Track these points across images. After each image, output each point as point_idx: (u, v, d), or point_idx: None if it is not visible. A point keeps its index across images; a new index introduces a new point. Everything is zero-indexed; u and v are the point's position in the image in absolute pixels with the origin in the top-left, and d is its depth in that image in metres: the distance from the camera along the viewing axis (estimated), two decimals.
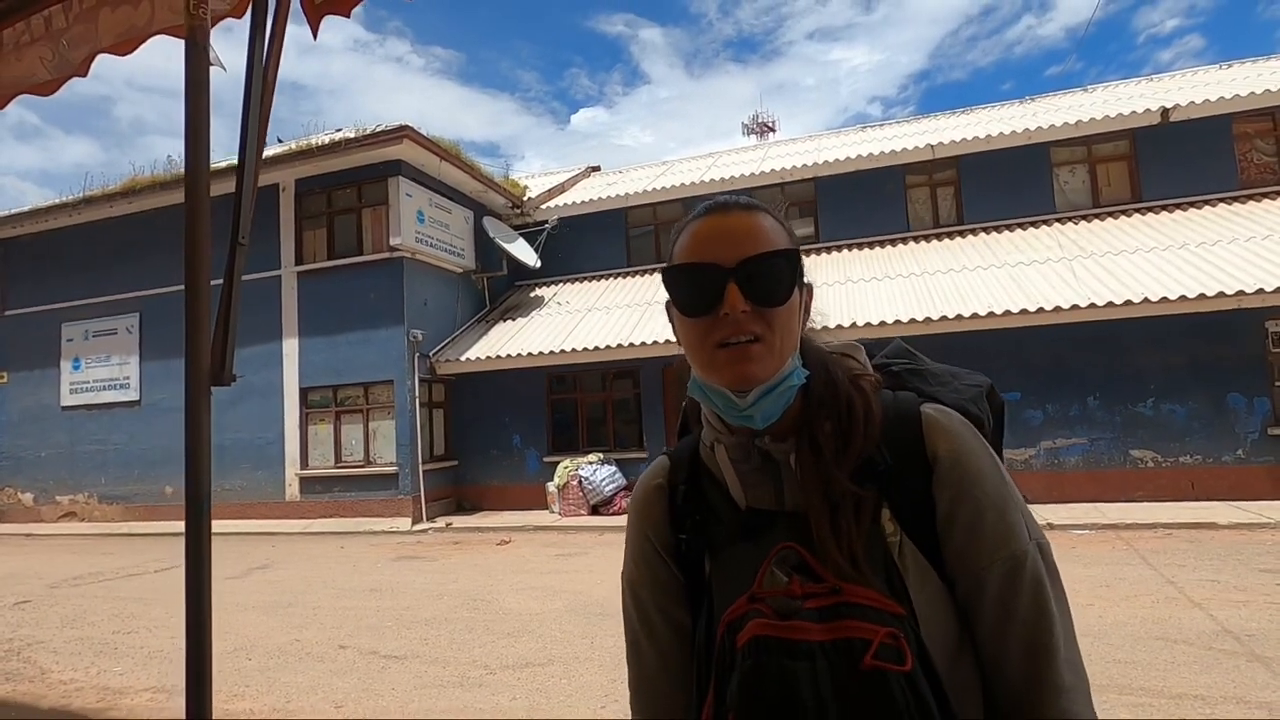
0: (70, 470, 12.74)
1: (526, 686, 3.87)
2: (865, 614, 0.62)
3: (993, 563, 0.68)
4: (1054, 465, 9.07)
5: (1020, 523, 0.69)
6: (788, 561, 0.68)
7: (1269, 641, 3.89)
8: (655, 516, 0.82)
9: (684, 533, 0.78)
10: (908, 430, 0.72)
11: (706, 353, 0.71)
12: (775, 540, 0.70)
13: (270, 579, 7.25)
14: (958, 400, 0.78)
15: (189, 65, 1.34)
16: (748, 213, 0.73)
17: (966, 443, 0.71)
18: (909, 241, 11.82)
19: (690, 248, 0.73)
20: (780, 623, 0.63)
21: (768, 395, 0.70)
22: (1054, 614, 0.67)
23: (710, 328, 0.70)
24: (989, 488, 0.70)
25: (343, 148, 10.84)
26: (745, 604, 0.66)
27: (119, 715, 3.77)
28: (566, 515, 10.06)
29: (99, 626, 5.60)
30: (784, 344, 0.70)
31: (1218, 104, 10.41)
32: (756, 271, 0.69)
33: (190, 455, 1.29)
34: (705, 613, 0.74)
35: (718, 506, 0.77)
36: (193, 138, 1.34)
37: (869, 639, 0.60)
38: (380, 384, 10.92)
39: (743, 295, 0.68)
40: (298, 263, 11.55)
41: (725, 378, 0.70)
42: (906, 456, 0.71)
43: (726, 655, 0.66)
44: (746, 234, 0.71)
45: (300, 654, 4.66)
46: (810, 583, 0.65)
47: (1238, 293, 7.83)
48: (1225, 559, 5.87)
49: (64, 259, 13.08)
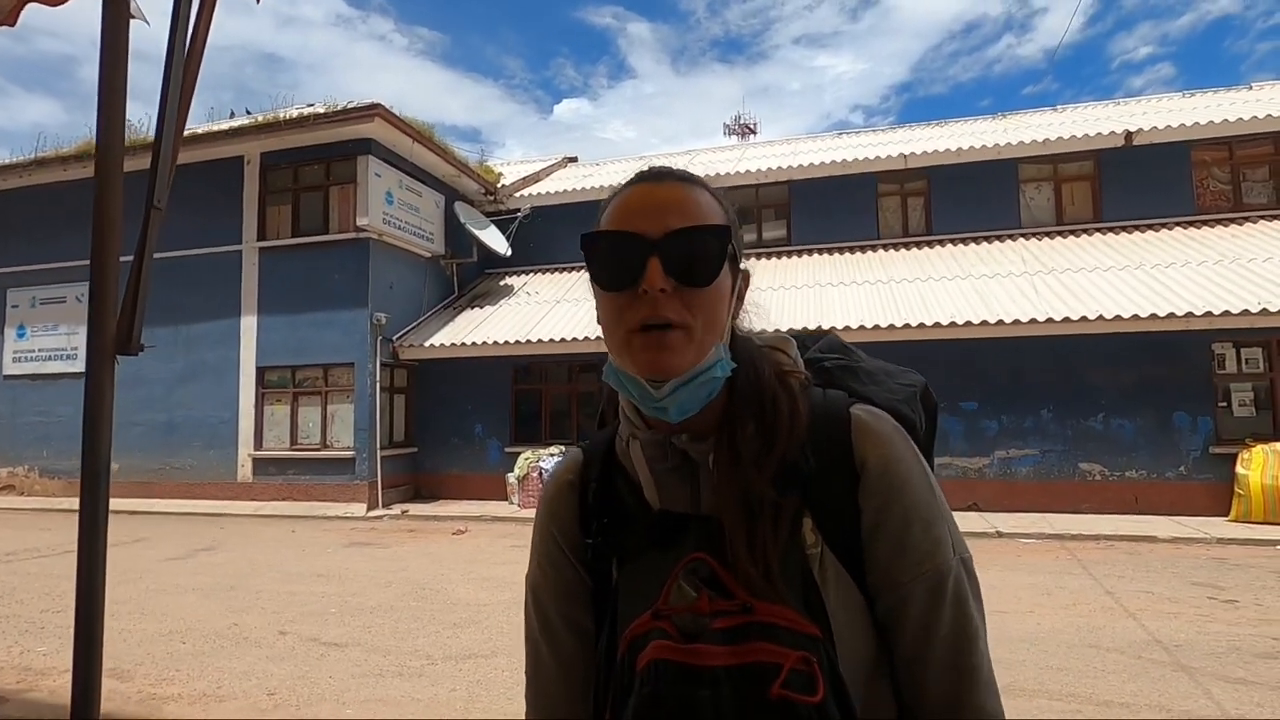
0: (11, 441, 12.25)
1: (467, 678, 3.82)
2: (776, 635, 0.58)
3: (917, 577, 0.63)
4: (1006, 475, 9.27)
5: (947, 536, 0.65)
6: (698, 574, 0.63)
7: (1195, 652, 4.02)
8: (564, 515, 0.76)
9: (591, 536, 0.73)
10: (835, 432, 0.67)
11: (621, 335, 0.65)
12: (687, 549, 0.65)
13: (215, 561, 7.06)
14: (890, 400, 0.73)
15: (106, 16, 1.26)
16: (682, 184, 0.67)
17: (896, 449, 0.66)
18: (878, 249, 11.97)
19: (615, 216, 0.67)
20: (683, 645, 0.59)
21: (685, 386, 0.64)
22: (977, 633, 0.64)
23: (627, 305, 0.64)
24: (917, 498, 0.65)
25: (312, 123, 10.57)
26: (649, 621, 0.62)
27: (39, 697, 3.63)
28: (525, 507, 9.98)
29: (28, 605, 5.40)
30: (706, 332, 0.64)
31: (1178, 130, 10.73)
32: (682, 246, 0.63)
33: (89, 426, 1.22)
34: (609, 624, 0.68)
35: (630, 507, 0.71)
36: (107, 94, 1.27)
37: (779, 664, 0.56)
38: (341, 366, 10.71)
39: (664, 271, 0.62)
40: (260, 238, 11.24)
41: (640, 365, 0.64)
42: (832, 460, 0.66)
43: (625, 676, 0.62)
44: (676, 206, 0.65)
45: (238, 639, 4.54)
46: (720, 599, 0.61)
47: (1187, 314, 8.08)
48: (1161, 571, 6.06)
49: (13, 222, 12.55)
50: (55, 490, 11.82)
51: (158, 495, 11.08)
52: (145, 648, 4.34)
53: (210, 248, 11.23)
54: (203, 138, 10.79)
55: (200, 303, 11.13)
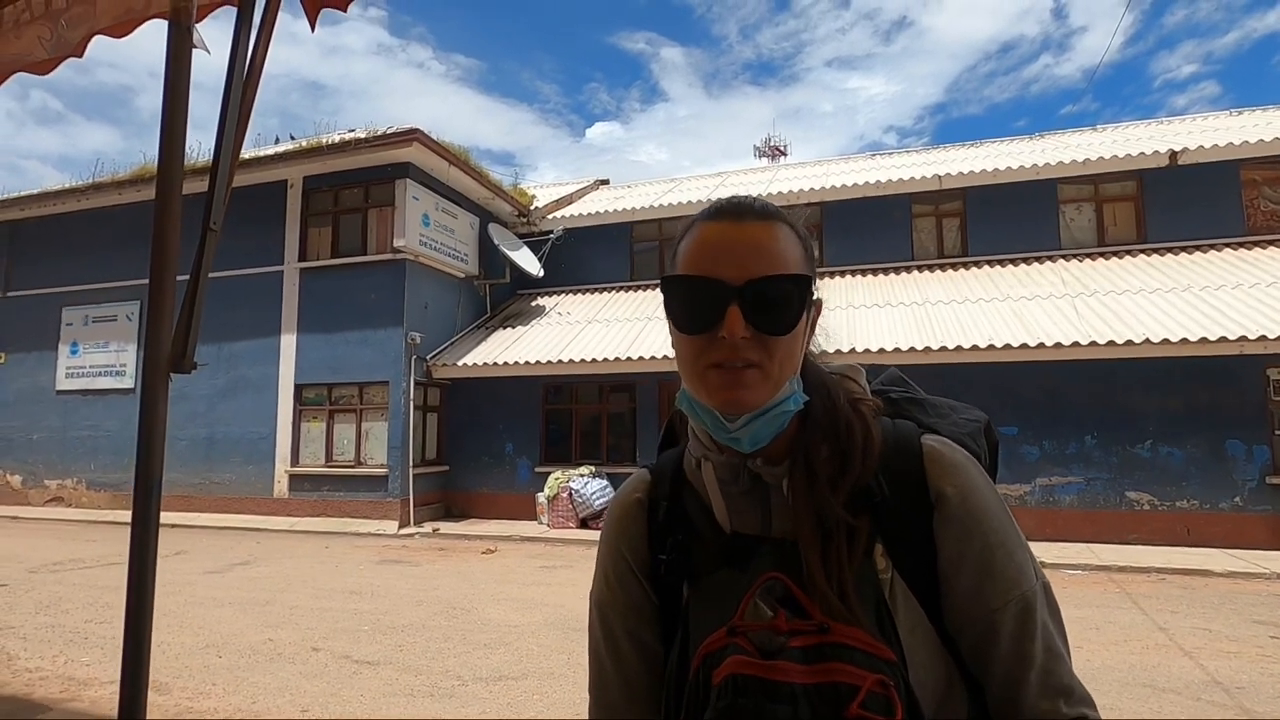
0: (61, 454, 12.68)
1: (498, 700, 3.79)
2: (854, 657, 0.58)
3: (1006, 604, 0.64)
4: (1049, 503, 8.98)
5: (1029, 562, 0.66)
6: (773, 593, 0.63)
7: (1259, 695, 3.80)
8: (633, 533, 0.76)
9: (664, 553, 0.73)
10: (908, 462, 0.68)
11: (699, 371, 0.65)
12: (761, 569, 0.65)
13: (251, 575, 7.17)
14: (956, 433, 0.73)
15: (170, 46, 1.31)
16: (763, 223, 0.66)
17: (973, 479, 0.67)
18: (913, 270, 11.81)
19: (695, 256, 0.66)
20: (762, 661, 0.59)
21: (759, 419, 0.65)
22: (1064, 655, 0.65)
23: (705, 346, 0.64)
24: (997, 525, 0.66)
25: (352, 147, 10.89)
26: (725, 637, 0.62)
27: (81, 707, 3.69)
28: (555, 527, 9.97)
29: (72, 615, 5.53)
30: (783, 371, 0.65)
31: (1226, 149, 10.43)
32: (764, 295, 0.63)
33: (144, 441, 1.24)
34: (680, 641, 0.68)
35: (700, 527, 0.72)
36: (169, 120, 1.31)
37: (857, 685, 0.56)
38: (376, 384, 10.89)
39: (745, 320, 0.62)
40: (301, 259, 11.56)
41: (715, 400, 0.65)
42: (905, 488, 0.67)
43: (700, 691, 0.62)
44: (758, 250, 0.64)
45: (272, 654, 4.58)
46: (796, 619, 0.61)
47: (1240, 338, 7.79)
48: (1219, 608, 5.77)
49: (70, 243, 13.11)
50: (101, 503, 12.18)
51: (197, 509, 11.33)
52: (183, 661, 4.40)
53: (254, 268, 11.56)
54: (249, 162, 11.18)
55: (243, 321, 11.44)
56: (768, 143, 32.57)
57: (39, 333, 13.09)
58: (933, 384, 0.80)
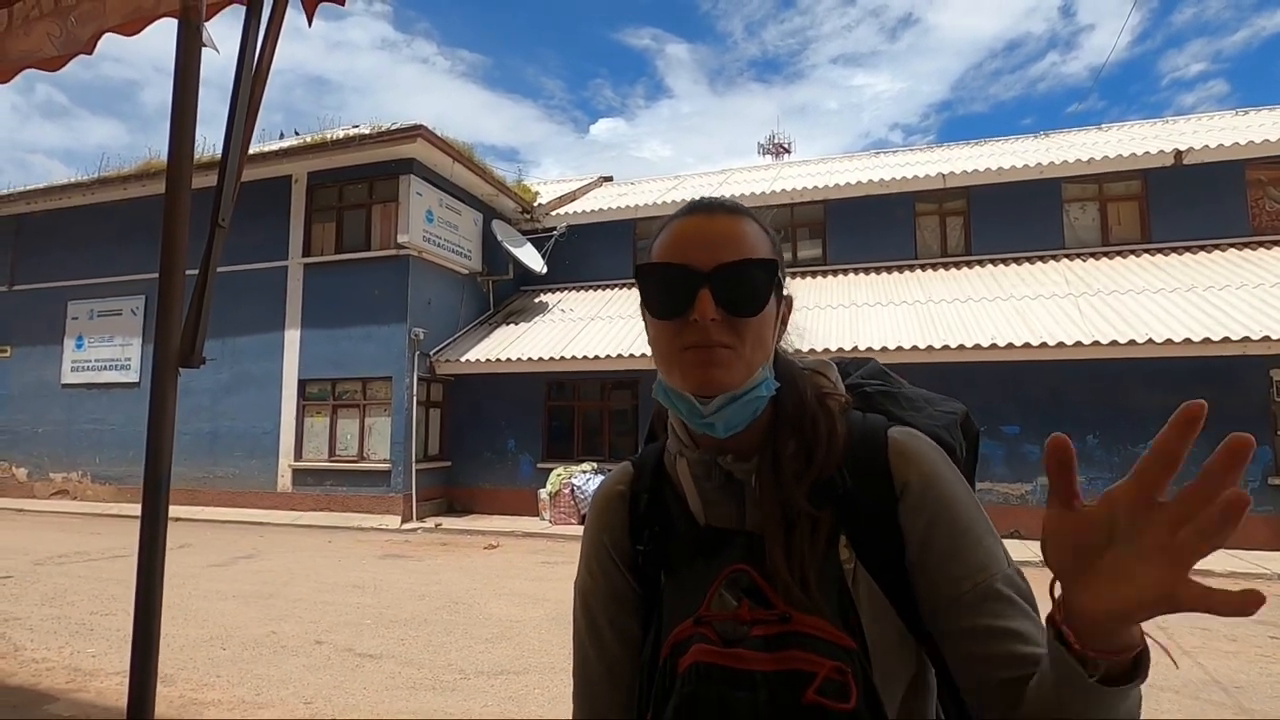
0: (66, 448, 12.74)
1: (500, 694, 3.82)
2: (813, 645, 0.60)
3: (974, 587, 0.63)
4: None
5: (997, 547, 0.66)
6: (739, 584, 0.66)
7: (1258, 695, 3.82)
8: (615, 524, 0.79)
9: (642, 544, 0.75)
10: (873, 454, 0.69)
11: (674, 354, 0.68)
12: (730, 560, 0.68)
13: (254, 569, 7.21)
14: (930, 426, 0.74)
15: (180, 44, 1.33)
16: (731, 216, 0.70)
17: (937, 467, 0.67)
18: (916, 269, 11.80)
19: (667, 247, 0.70)
20: (723, 650, 0.61)
21: (733, 403, 0.66)
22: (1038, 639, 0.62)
23: (678, 331, 0.67)
24: (962, 512, 0.66)
25: (356, 143, 10.90)
26: (691, 626, 0.64)
27: (87, 697, 3.73)
28: (557, 523, 10.00)
29: (78, 606, 5.57)
30: (754, 354, 0.67)
31: (1231, 149, 10.39)
32: (732, 279, 0.66)
33: (152, 435, 1.26)
34: (654, 629, 0.71)
35: (677, 520, 0.74)
36: (179, 117, 1.33)
37: (814, 672, 0.58)
38: (379, 380, 10.92)
39: (715, 303, 0.65)
40: (305, 254, 11.59)
41: (690, 382, 0.66)
42: (869, 480, 0.68)
43: (667, 678, 0.64)
44: (726, 238, 0.68)
45: (276, 646, 4.61)
46: (759, 608, 0.63)
47: (1243, 339, 7.78)
48: None
49: (75, 238, 13.15)
50: (106, 496, 12.24)
51: (201, 503, 11.38)
52: (188, 653, 4.44)
53: (258, 263, 11.59)
54: (254, 158, 11.18)
55: (247, 316, 11.48)
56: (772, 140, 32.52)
57: (44, 326, 13.14)
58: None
